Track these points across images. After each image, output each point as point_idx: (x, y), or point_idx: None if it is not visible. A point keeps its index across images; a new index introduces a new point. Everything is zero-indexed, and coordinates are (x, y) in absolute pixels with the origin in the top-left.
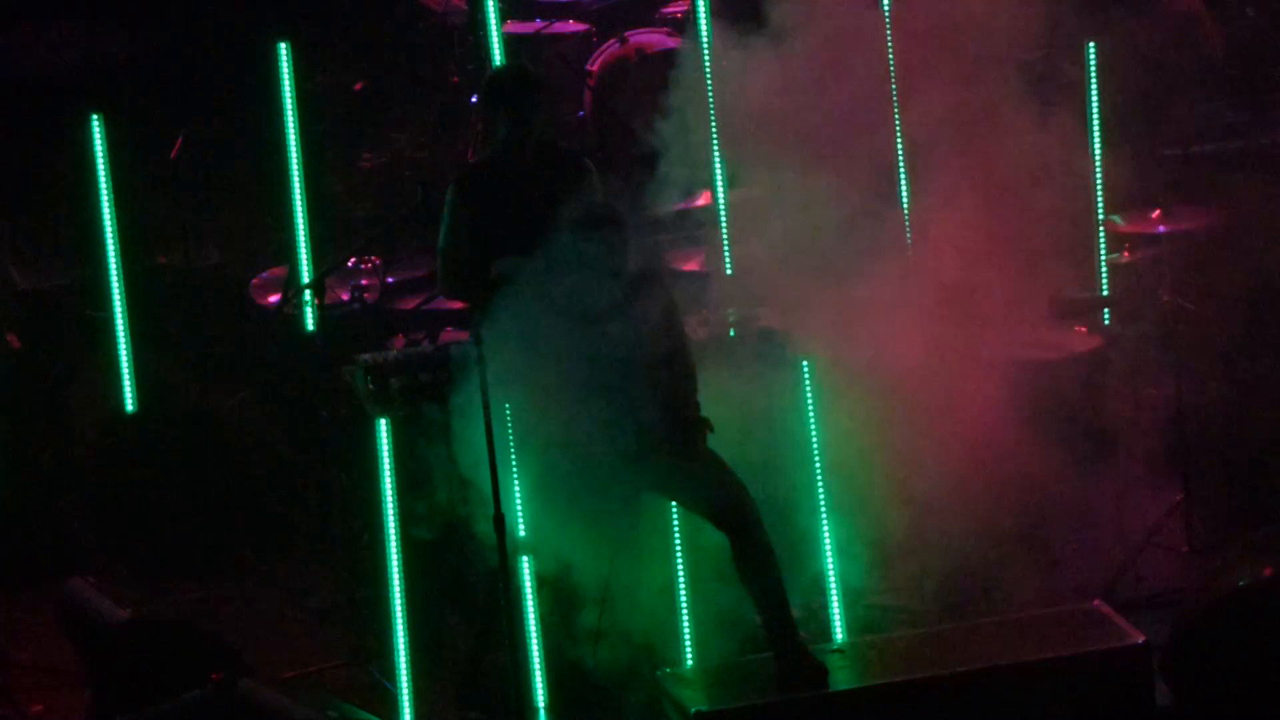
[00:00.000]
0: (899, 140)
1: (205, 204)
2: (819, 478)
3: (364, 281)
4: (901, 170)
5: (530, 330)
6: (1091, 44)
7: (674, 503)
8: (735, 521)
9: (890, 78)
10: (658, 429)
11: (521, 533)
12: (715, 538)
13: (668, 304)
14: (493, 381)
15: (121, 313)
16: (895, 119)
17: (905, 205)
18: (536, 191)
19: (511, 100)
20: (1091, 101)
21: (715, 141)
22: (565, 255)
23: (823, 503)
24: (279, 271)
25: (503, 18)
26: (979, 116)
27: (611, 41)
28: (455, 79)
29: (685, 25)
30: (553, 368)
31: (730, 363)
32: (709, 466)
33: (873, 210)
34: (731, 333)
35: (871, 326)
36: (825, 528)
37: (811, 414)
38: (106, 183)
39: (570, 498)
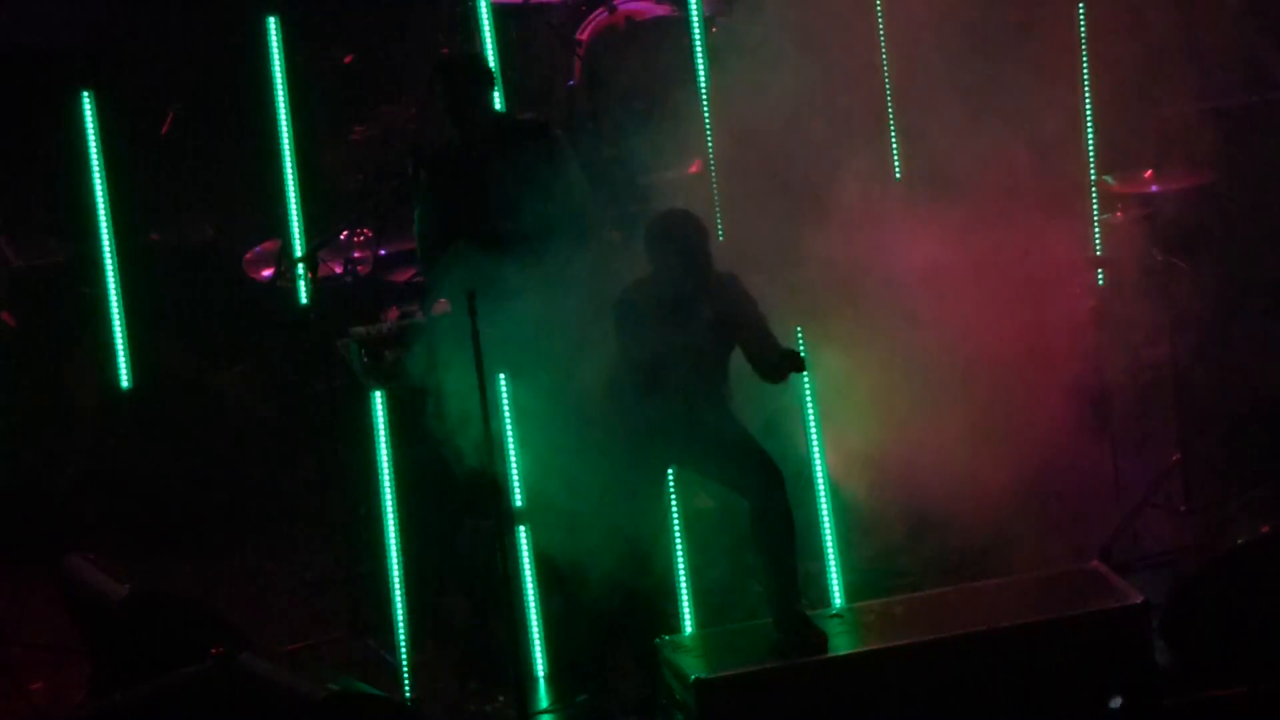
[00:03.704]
0: (889, 104)
1: (197, 179)
2: (814, 443)
3: (357, 254)
4: (893, 134)
5: (563, 310)
6: (1081, 4)
7: (701, 475)
8: (763, 490)
9: (880, 43)
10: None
11: (518, 503)
12: (712, 505)
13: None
14: (518, 358)
15: (115, 289)
16: (885, 84)
17: (897, 170)
18: (499, 167)
19: (446, 93)
20: (1083, 62)
21: (706, 108)
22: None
23: (819, 468)
24: (272, 246)
25: None
26: (972, 80)
27: (600, 10)
28: (445, 50)
29: None
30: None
31: None
32: (736, 437)
33: (865, 175)
34: None
35: (865, 292)
36: (822, 493)
37: (806, 380)
38: (98, 159)
39: (591, 471)
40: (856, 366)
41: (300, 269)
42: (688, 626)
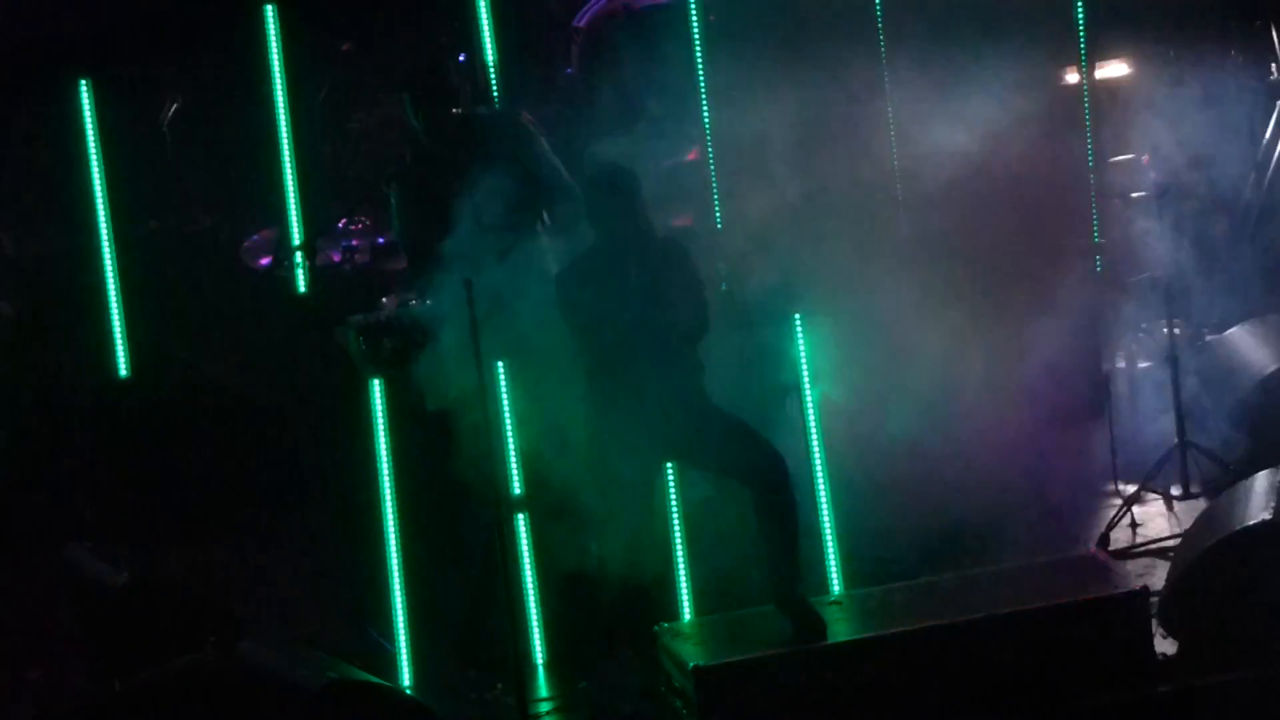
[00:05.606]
0: (887, 93)
1: (195, 168)
2: (813, 431)
3: (355, 243)
4: (890, 123)
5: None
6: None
7: (702, 470)
8: (764, 478)
9: (878, 30)
10: (674, 400)
11: (517, 490)
12: (710, 492)
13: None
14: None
15: (113, 278)
16: (883, 74)
17: (894, 157)
18: (469, 167)
19: (414, 107)
20: (1080, 46)
21: (704, 96)
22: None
23: (817, 456)
24: (270, 234)
25: None
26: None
27: None
28: (442, 38)
29: None
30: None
31: (722, 317)
32: (730, 427)
33: (863, 161)
34: (723, 286)
35: (863, 279)
36: (820, 481)
37: (805, 368)
38: (96, 148)
39: (588, 463)
40: (855, 352)
41: (298, 257)
42: (687, 613)
